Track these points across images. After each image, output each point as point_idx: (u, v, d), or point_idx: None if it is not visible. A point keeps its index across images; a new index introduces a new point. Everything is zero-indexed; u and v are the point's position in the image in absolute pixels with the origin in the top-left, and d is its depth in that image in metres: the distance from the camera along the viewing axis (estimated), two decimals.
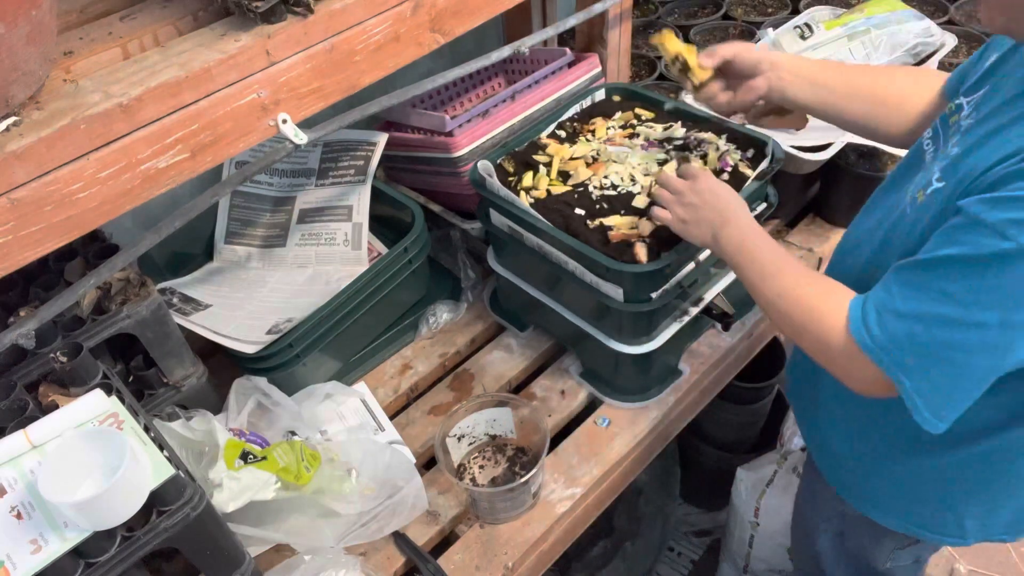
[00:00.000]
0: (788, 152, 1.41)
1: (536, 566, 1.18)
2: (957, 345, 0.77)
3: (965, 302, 0.75)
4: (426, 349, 1.42)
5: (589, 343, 1.27)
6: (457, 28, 1.07)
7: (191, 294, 1.34)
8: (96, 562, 0.79)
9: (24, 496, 0.80)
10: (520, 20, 1.65)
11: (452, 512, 1.18)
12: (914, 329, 0.78)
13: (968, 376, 0.78)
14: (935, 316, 0.77)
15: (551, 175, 1.26)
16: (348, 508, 1.11)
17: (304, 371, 1.26)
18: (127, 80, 0.80)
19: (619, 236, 1.13)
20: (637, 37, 1.92)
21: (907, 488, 1.04)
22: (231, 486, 0.98)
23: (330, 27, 0.91)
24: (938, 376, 0.79)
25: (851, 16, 1.65)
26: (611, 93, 1.42)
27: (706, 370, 1.37)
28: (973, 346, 0.76)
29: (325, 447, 1.13)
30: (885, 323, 0.81)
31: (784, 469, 1.62)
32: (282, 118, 0.91)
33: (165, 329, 1.08)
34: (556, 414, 1.30)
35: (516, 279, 1.34)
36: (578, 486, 1.21)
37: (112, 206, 0.81)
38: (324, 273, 1.39)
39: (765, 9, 1.99)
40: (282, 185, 1.47)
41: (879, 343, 0.81)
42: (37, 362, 0.97)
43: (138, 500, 0.79)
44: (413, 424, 1.30)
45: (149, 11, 0.92)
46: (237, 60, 0.84)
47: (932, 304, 0.77)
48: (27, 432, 0.84)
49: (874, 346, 0.81)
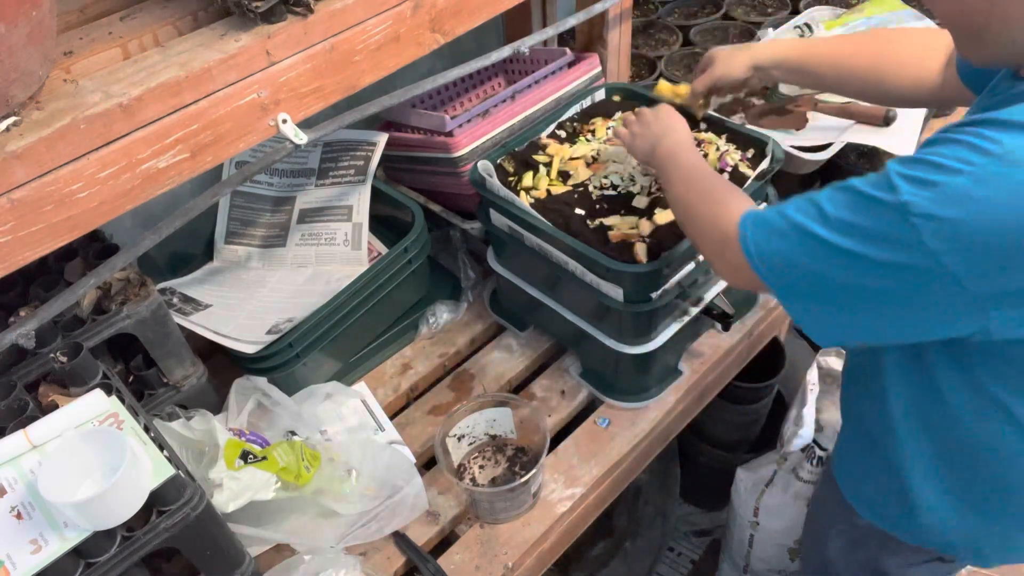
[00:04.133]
0: (788, 152, 1.41)
1: (536, 566, 1.18)
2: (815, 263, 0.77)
3: (832, 225, 0.75)
4: (426, 349, 1.42)
5: (589, 343, 1.27)
6: (457, 28, 1.07)
7: (191, 294, 1.34)
8: (96, 562, 0.79)
9: (24, 496, 0.80)
10: (520, 20, 1.65)
11: (452, 512, 1.18)
12: (786, 234, 0.79)
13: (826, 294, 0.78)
14: (807, 231, 0.77)
15: (551, 175, 1.27)
16: (348, 508, 1.11)
17: (304, 371, 1.26)
18: (127, 80, 0.80)
19: (619, 236, 1.13)
20: (637, 37, 1.92)
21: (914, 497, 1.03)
22: (231, 486, 0.98)
23: (330, 27, 0.91)
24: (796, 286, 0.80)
25: (851, 16, 1.65)
26: (611, 93, 1.42)
27: (706, 370, 1.37)
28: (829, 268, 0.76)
29: (325, 447, 1.13)
30: (768, 219, 0.81)
31: (784, 469, 1.61)
32: (282, 118, 0.91)
33: (165, 329, 1.08)
34: (556, 414, 1.30)
35: (516, 279, 1.34)
36: (578, 486, 1.21)
37: (112, 206, 0.81)
38: (324, 273, 1.39)
39: (765, 9, 1.99)
40: (282, 185, 1.47)
41: (753, 242, 0.82)
42: (37, 362, 0.97)
43: (138, 500, 0.79)
44: (413, 424, 1.30)
45: (149, 11, 0.91)
46: (237, 60, 0.84)
47: (808, 219, 0.77)
48: (27, 432, 0.84)
49: (750, 242, 0.82)
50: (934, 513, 0.99)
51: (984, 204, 0.66)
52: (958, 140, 0.69)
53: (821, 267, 0.76)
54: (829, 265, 0.75)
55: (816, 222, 0.76)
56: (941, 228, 0.67)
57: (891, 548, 1.10)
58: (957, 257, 0.68)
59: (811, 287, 0.79)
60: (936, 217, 0.67)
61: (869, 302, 0.76)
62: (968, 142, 0.68)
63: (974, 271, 0.68)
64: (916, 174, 0.69)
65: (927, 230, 0.68)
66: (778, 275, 0.81)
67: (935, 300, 0.72)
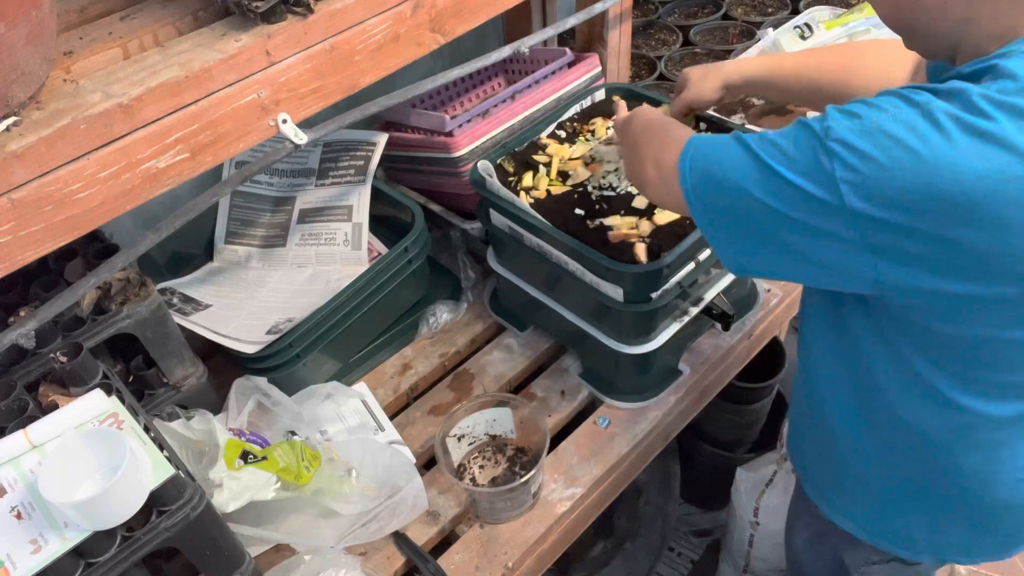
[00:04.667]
0: None
1: (536, 566, 1.18)
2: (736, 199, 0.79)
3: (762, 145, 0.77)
4: (426, 349, 1.42)
5: (589, 343, 1.27)
6: (457, 28, 1.07)
7: (191, 294, 1.34)
8: (96, 562, 0.79)
9: (24, 496, 0.80)
10: (520, 20, 1.65)
11: (452, 512, 1.18)
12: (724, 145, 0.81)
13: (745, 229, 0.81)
14: (740, 142, 0.79)
15: (551, 175, 1.27)
16: (348, 508, 1.11)
17: (304, 371, 1.26)
18: (127, 80, 0.80)
19: (619, 236, 1.13)
20: (637, 37, 1.92)
21: (861, 492, 1.04)
22: (231, 486, 0.98)
23: (330, 27, 0.91)
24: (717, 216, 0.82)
25: (851, 16, 1.65)
26: (611, 93, 1.42)
27: (706, 370, 1.37)
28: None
29: (325, 447, 1.13)
30: (718, 137, 0.83)
31: (784, 469, 1.62)
32: (282, 118, 0.91)
33: (165, 329, 1.08)
34: (556, 414, 1.30)
35: (516, 279, 1.34)
36: (578, 486, 1.21)
37: (112, 206, 0.81)
38: (324, 273, 1.39)
39: (765, 9, 1.99)
40: (282, 185, 1.47)
41: (693, 152, 0.84)
42: (37, 362, 0.97)
43: (138, 500, 0.79)
44: (413, 424, 1.30)
45: (149, 11, 0.92)
46: (237, 60, 0.84)
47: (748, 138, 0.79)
48: (27, 432, 0.84)
49: (690, 153, 0.84)
50: (875, 504, 1.01)
51: (896, 143, 0.69)
52: (896, 92, 0.73)
53: (742, 180, 0.78)
54: (748, 180, 0.78)
55: (753, 141, 0.79)
56: (851, 156, 0.70)
57: (850, 544, 1.11)
58: (858, 190, 0.70)
59: (727, 203, 0.81)
60: (850, 144, 0.70)
61: (773, 226, 0.78)
62: (901, 93, 0.72)
63: (869, 207, 0.70)
64: (846, 108, 0.73)
65: (839, 155, 0.70)
66: (700, 185, 0.83)
67: (833, 237, 0.74)
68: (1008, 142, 0.66)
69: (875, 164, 0.69)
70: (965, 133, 0.67)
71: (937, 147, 0.67)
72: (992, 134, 0.67)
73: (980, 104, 0.68)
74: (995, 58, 0.71)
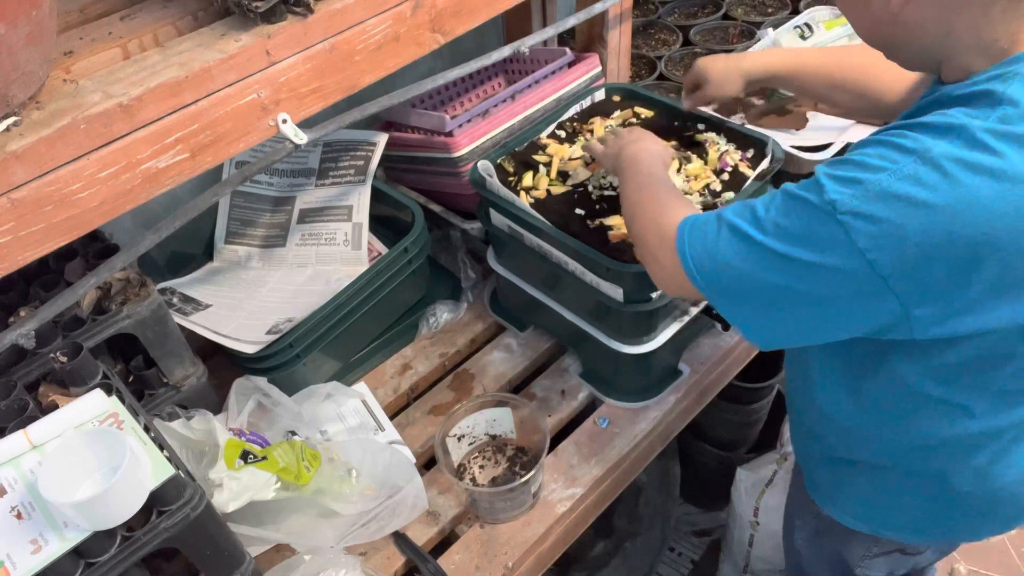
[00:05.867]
0: (788, 152, 1.41)
1: (536, 566, 1.18)
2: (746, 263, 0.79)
3: (765, 228, 0.77)
4: (426, 349, 1.42)
5: (589, 343, 1.27)
6: (457, 28, 1.07)
7: (191, 294, 1.34)
8: (96, 562, 0.79)
9: (24, 496, 0.80)
10: (520, 20, 1.65)
11: (452, 512, 1.18)
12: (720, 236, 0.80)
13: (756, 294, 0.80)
14: (740, 232, 0.78)
15: (551, 175, 1.27)
16: (348, 508, 1.11)
17: (304, 371, 1.26)
18: (127, 80, 0.80)
19: (619, 236, 1.13)
20: (637, 37, 1.92)
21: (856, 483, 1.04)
22: (231, 486, 0.98)
23: (330, 27, 0.91)
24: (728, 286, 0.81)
25: None
26: (611, 93, 1.42)
27: (706, 370, 1.37)
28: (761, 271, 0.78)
29: (325, 447, 1.13)
30: (705, 221, 0.83)
31: (784, 469, 1.62)
32: (282, 118, 0.91)
33: (165, 329, 1.08)
34: (556, 414, 1.30)
35: (516, 279, 1.34)
36: (578, 486, 1.21)
37: (112, 206, 0.81)
38: (324, 273, 1.39)
39: (765, 9, 1.99)
40: (282, 185, 1.47)
41: (689, 243, 0.83)
42: (37, 362, 0.97)
43: (138, 500, 0.79)
44: (413, 424, 1.30)
45: (149, 11, 0.91)
46: (237, 60, 0.84)
47: (742, 222, 0.79)
48: (27, 432, 0.84)
49: (686, 243, 0.83)
50: (876, 494, 1.01)
51: (906, 202, 0.68)
52: (882, 140, 0.72)
53: (751, 269, 0.78)
54: (759, 267, 0.77)
55: (750, 225, 0.78)
56: (868, 225, 0.69)
57: (850, 538, 1.11)
58: (883, 254, 0.70)
59: (742, 289, 0.80)
60: (862, 214, 0.69)
61: (798, 303, 0.77)
62: (891, 142, 0.71)
63: (898, 268, 0.70)
64: (841, 173, 0.72)
65: (855, 228, 0.70)
66: (710, 277, 0.82)
67: (861, 299, 0.74)
68: (1021, 176, 0.67)
69: (892, 226, 0.68)
70: (975, 174, 0.67)
71: (949, 194, 0.67)
72: (1003, 171, 0.67)
73: (984, 140, 0.67)
74: (990, 81, 0.70)
